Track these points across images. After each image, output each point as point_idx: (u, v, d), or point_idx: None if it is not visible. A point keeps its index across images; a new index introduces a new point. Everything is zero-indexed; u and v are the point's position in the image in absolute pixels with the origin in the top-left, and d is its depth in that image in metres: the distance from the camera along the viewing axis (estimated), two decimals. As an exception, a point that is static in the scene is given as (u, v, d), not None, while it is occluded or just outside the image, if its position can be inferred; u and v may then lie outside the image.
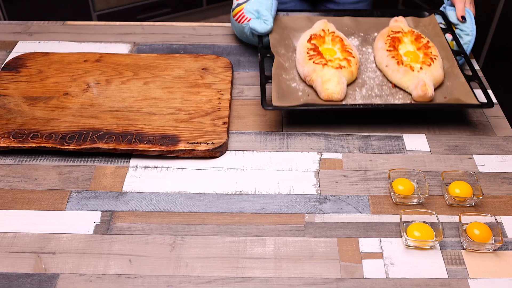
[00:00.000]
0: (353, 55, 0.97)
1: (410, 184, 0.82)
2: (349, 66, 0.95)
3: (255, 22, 1.02)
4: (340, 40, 1.00)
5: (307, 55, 0.97)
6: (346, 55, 0.97)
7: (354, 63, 0.96)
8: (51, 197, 0.81)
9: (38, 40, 1.15)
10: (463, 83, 0.94)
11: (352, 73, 0.95)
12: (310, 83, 0.95)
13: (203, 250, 0.74)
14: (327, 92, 0.91)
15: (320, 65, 0.94)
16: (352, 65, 0.96)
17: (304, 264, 0.73)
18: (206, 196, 0.82)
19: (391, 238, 0.76)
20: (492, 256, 0.75)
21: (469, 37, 1.05)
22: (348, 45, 1.00)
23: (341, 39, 1.01)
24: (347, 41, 1.01)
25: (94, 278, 0.70)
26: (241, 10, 1.05)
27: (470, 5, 1.08)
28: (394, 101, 0.93)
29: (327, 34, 1.02)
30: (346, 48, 0.99)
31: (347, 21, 1.12)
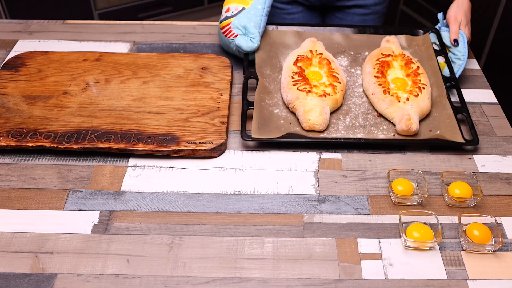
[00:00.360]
0: (339, 80, 0.95)
1: (409, 185, 0.82)
2: (334, 93, 0.93)
3: (242, 40, 1.00)
4: (327, 63, 0.98)
5: (291, 80, 0.94)
6: (332, 80, 0.95)
7: (339, 89, 0.94)
8: (49, 196, 0.81)
9: (38, 39, 1.15)
10: (450, 115, 0.92)
11: (337, 100, 0.93)
12: (293, 110, 0.93)
13: (201, 250, 0.74)
14: (309, 123, 0.89)
15: (303, 92, 0.91)
16: (337, 91, 0.93)
17: (303, 265, 0.72)
18: (205, 196, 0.82)
19: (390, 238, 0.76)
20: (492, 257, 0.74)
21: (460, 61, 1.03)
22: (335, 68, 0.98)
23: (328, 61, 0.98)
24: (334, 64, 0.99)
25: (91, 278, 0.70)
26: (229, 24, 1.02)
27: (465, 27, 1.06)
28: (378, 132, 0.91)
29: (314, 55, 1.00)
30: (333, 72, 0.96)
31: (338, 38, 1.10)
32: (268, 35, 1.08)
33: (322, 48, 1.03)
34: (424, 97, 0.93)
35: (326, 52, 1.02)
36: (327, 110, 0.91)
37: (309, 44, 1.03)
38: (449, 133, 0.89)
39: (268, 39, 1.07)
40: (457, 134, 0.88)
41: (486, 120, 0.97)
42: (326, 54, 1.01)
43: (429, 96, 0.94)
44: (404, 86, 0.96)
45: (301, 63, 0.98)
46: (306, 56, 0.99)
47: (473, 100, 1.02)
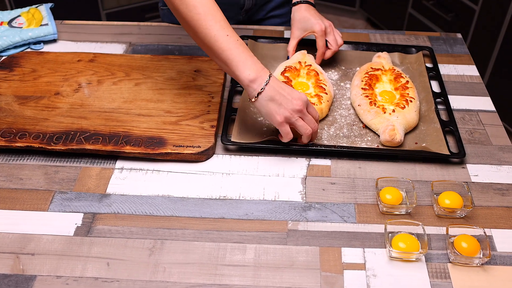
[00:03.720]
0: (326, 91, 0.94)
1: (398, 194, 0.80)
2: (319, 103, 0.92)
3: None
4: (315, 75, 0.97)
5: None
6: (318, 90, 0.94)
7: (325, 99, 0.93)
8: (35, 197, 0.81)
9: (35, 39, 1.15)
10: (437, 129, 0.90)
11: (322, 110, 0.92)
12: None
13: (182, 255, 0.73)
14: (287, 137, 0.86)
15: None
16: (323, 102, 0.92)
17: (284, 273, 0.71)
18: (189, 201, 0.81)
19: (375, 248, 0.74)
20: (479, 271, 0.72)
21: None
22: (323, 80, 0.96)
23: (316, 73, 0.97)
24: (323, 76, 0.98)
25: (70, 281, 0.70)
26: None
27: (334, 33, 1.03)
28: (362, 143, 0.89)
29: (303, 67, 0.99)
30: (320, 83, 0.95)
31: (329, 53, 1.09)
32: (260, 47, 1.09)
33: (311, 60, 1.02)
34: (411, 110, 0.91)
35: (315, 64, 1.01)
36: None
37: (299, 56, 1.02)
38: (435, 146, 0.87)
39: (260, 51, 1.08)
40: (443, 147, 0.86)
41: (482, 129, 0.95)
42: (315, 66, 1.00)
43: (416, 110, 0.92)
44: (391, 99, 0.94)
45: (288, 74, 0.97)
46: (295, 67, 0.99)
47: (470, 107, 1.00)
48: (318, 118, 0.85)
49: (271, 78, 0.81)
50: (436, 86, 1.03)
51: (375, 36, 1.19)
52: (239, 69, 0.80)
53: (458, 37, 1.20)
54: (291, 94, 0.80)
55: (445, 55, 1.14)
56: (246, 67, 0.80)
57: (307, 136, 0.83)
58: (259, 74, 0.80)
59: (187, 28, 0.83)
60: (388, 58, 1.04)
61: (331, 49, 1.03)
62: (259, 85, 0.80)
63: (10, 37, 1.10)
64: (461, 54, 1.15)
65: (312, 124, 0.83)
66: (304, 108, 0.81)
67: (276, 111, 0.80)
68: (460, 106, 1.00)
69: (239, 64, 0.80)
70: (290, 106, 0.80)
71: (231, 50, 0.80)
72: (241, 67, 0.80)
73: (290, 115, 0.80)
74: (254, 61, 0.81)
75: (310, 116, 0.83)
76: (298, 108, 0.80)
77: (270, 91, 0.80)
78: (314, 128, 0.83)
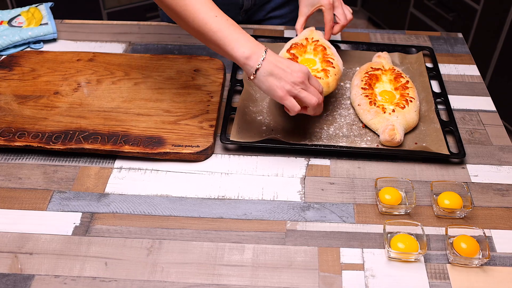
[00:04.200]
0: (334, 65, 0.92)
1: (397, 194, 0.80)
2: (326, 76, 0.90)
3: None
4: (322, 49, 0.96)
5: None
6: (325, 65, 0.92)
7: (333, 73, 0.91)
8: (33, 196, 0.81)
9: (35, 38, 1.15)
10: (437, 129, 0.89)
11: (328, 84, 0.90)
12: None
13: (180, 255, 0.73)
14: None
15: None
16: (330, 75, 0.90)
17: (282, 273, 0.71)
18: (188, 200, 0.81)
19: (374, 249, 0.74)
20: (479, 271, 0.72)
21: None
22: (330, 54, 0.95)
23: (324, 48, 0.96)
24: (331, 50, 0.96)
25: (68, 280, 0.70)
26: None
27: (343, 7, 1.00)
28: (361, 143, 0.88)
29: (309, 43, 0.98)
30: (327, 58, 0.94)
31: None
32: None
33: (319, 36, 1.00)
34: (411, 110, 0.91)
35: (323, 39, 0.99)
36: None
37: (306, 33, 1.01)
38: (434, 146, 0.87)
39: None
40: (443, 147, 0.86)
41: (483, 129, 0.94)
42: (323, 41, 0.98)
43: (416, 110, 0.92)
44: (391, 99, 0.94)
45: (294, 50, 0.96)
46: (301, 43, 0.97)
47: (470, 107, 0.99)
48: (322, 90, 0.83)
49: (268, 52, 0.79)
50: (436, 86, 1.03)
51: (375, 35, 1.19)
52: (233, 48, 0.78)
53: (459, 36, 1.20)
54: (291, 67, 0.78)
55: (446, 55, 1.14)
56: (240, 45, 0.78)
57: (313, 107, 0.80)
58: (254, 50, 0.78)
59: (176, 18, 0.82)
60: (388, 58, 1.04)
61: (339, 23, 1.00)
62: (256, 61, 0.78)
63: (10, 36, 1.10)
64: (461, 53, 1.14)
65: (316, 95, 0.80)
66: (305, 79, 0.79)
67: (277, 85, 0.78)
68: (461, 106, 0.99)
69: (232, 43, 0.78)
70: (291, 79, 0.78)
71: (222, 30, 0.78)
72: (235, 46, 0.78)
73: (292, 88, 0.78)
74: (247, 38, 0.79)
75: (312, 87, 0.80)
76: (300, 80, 0.78)
77: (268, 66, 0.78)
78: (319, 99, 0.80)
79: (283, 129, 0.91)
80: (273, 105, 0.96)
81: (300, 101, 0.80)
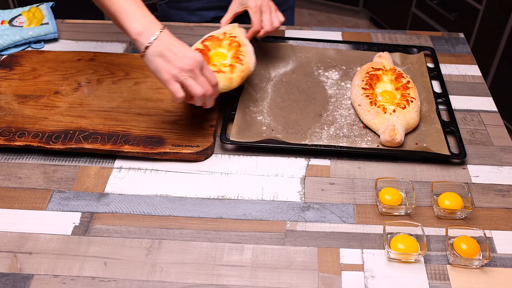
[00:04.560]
0: (243, 63, 0.89)
1: (397, 194, 0.80)
2: (231, 72, 0.87)
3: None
4: (237, 46, 0.92)
5: None
6: (234, 61, 0.89)
7: (239, 70, 0.88)
8: (33, 196, 0.81)
9: (36, 38, 1.15)
10: (438, 129, 0.89)
11: (231, 80, 0.87)
12: None
13: (179, 255, 0.73)
14: None
15: None
16: (235, 71, 0.87)
17: (281, 274, 0.71)
18: (188, 200, 0.81)
19: (373, 249, 0.74)
20: (479, 272, 0.71)
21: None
22: (244, 51, 0.91)
23: (238, 44, 0.93)
24: (245, 48, 0.93)
25: (68, 280, 0.70)
26: None
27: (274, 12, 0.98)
28: (362, 143, 0.88)
29: (226, 37, 0.95)
30: (238, 54, 0.91)
31: (331, 53, 1.09)
32: (261, 47, 1.08)
33: (239, 33, 0.96)
34: (412, 110, 0.90)
35: (242, 37, 0.95)
36: None
37: (228, 28, 0.98)
38: (435, 146, 0.86)
39: (261, 51, 1.07)
40: (443, 147, 0.86)
41: (484, 129, 0.94)
42: (241, 38, 0.94)
43: (417, 110, 0.91)
44: (392, 99, 0.93)
45: (208, 42, 0.93)
46: (217, 37, 0.95)
47: (471, 107, 0.99)
48: (215, 83, 0.81)
49: (163, 32, 0.77)
50: (438, 86, 1.02)
51: (376, 35, 1.19)
52: (126, 22, 0.78)
53: (461, 36, 1.19)
54: (183, 52, 0.77)
55: (447, 55, 1.13)
56: (134, 20, 0.77)
57: (198, 97, 0.78)
58: (148, 27, 0.77)
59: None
60: (389, 58, 1.03)
61: (264, 28, 0.98)
62: (147, 39, 0.77)
63: (11, 36, 1.10)
64: (463, 54, 1.14)
65: (205, 86, 0.78)
66: (195, 68, 0.77)
67: (164, 67, 0.76)
68: (462, 106, 0.99)
69: (127, 16, 0.77)
70: (179, 64, 0.76)
71: (120, 3, 0.78)
72: (129, 19, 0.77)
73: (179, 73, 0.76)
74: (144, 14, 0.78)
75: (203, 78, 0.78)
76: (188, 68, 0.76)
77: (159, 46, 0.76)
78: (207, 91, 0.78)
79: (283, 129, 0.91)
80: (274, 105, 0.96)
81: (186, 88, 0.78)
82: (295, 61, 1.08)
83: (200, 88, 0.78)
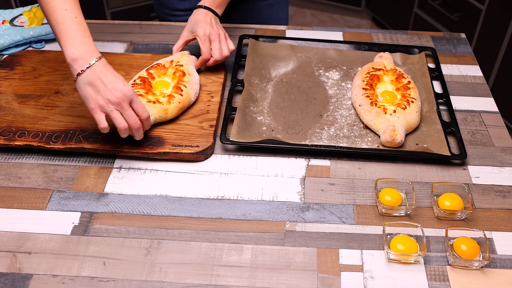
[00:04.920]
0: (182, 93, 0.90)
1: (397, 195, 0.79)
2: (168, 103, 0.88)
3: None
4: (181, 75, 0.93)
5: (134, 83, 0.92)
6: (174, 91, 0.91)
7: (177, 101, 0.89)
8: (33, 196, 0.81)
9: (37, 37, 1.16)
10: (438, 130, 0.89)
11: (167, 110, 0.88)
12: None
13: (178, 255, 0.73)
14: None
15: None
16: (173, 102, 0.88)
17: (280, 274, 0.71)
18: (187, 200, 0.81)
19: (373, 250, 0.74)
20: (479, 274, 0.71)
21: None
22: (187, 81, 0.92)
23: (183, 74, 0.93)
24: (189, 77, 0.93)
25: (67, 280, 0.70)
26: None
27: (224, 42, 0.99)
28: (362, 144, 0.88)
29: (172, 66, 0.96)
30: (180, 84, 0.92)
31: (332, 53, 1.08)
32: (261, 47, 1.08)
33: (187, 62, 0.97)
34: (412, 111, 0.90)
35: (190, 66, 0.97)
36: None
37: (177, 56, 0.99)
38: (436, 147, 0.86)
39: (261, 50, 1.07)
40: (444, 148, 0.85)
41: (485, 130, 0.94)
42: (188, 67, 0.96)
43: (417, 110, 0.91)
44: (393, 100, 0.93)
45: (153, 70, 0.95)
46: (164, 65, 0.96)
47: (473, 108, 0.99)
48: (145, 117, 0.81)
49: (97, 62, 0.78)
50: (439, 87, 1.02)
51: (377, 35, 1.18)
52: (65, 46, 0.79)
53: (462, 37, 1.19)
54: (113, 84, 0.78)
55: (448, 55, 1.13)
56: (73, 45, 0.79)
57: (122, 131, 0.79)
58: (84, 55, 0.78)
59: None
60: (390, 58, 1.03)
61: (213, 57, 0.98)
62: (80, 66, 0.78)
63: (12, 35, 1.10)
64: (464, 54, 1.13)
65: (132, 120, 0.79)
66: (123, 101, 0.78)
67: (92, 96, 0.78)
68: (463, 107, 0.99)
69: (67, 40, 0.79)
70: (108, 96, 0.77)
71: (65, 24, 0.79)
72: (68, 44, 0.79)
73: (105, 104, 0.77)
74: (85, 42, 0.79)
75: (131, 111, 0.79)
76: (116, 100, 0.77)
77: (90, 76, 0.78)
78: (133, 125, 0.79)
79: (284, 130, 0.91)
80: (274, 106, 0.96)
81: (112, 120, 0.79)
82: (295, 61, 1.08)
83: (123, 121, 0.79)
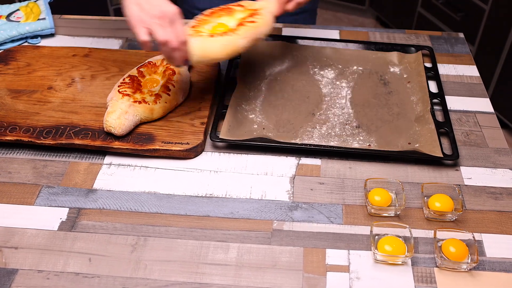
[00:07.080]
0: (170, 93, 0.90)
1: (387, 195, 0.79)
2: (154, 102, 0.88)
3: None
4: (170, 74, 0.93)
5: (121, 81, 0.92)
6: (162, 90, 0.90)
7: (163, 100, 0.89)
8: (22, 191, 0.81)
9: (33, 33, 1.16)
10: (431, 130, 0.88)
11: (152, 110, 0.88)
12: None
13: (164, 253, 0.73)
14: (105, 125, 0.85)
15: (120, 95, 0.88)
16: (159, 102, 0.88)
17: (265, 273, 0.70)
18: (175, 198, 0.80)
19: (360, 251, 0.73)
20: (467, 276, 0.70)
21: None
22: (175, 81, 0.92)
23: (173, 73, 0.93)
24: (178, 76, 0.93)
25: (51, 275, 0.70)
26: None
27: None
28: (353, 142, 0.87)
29: (163, 64, 0.95)
30: (169, 83, 0.91)
31: (327, 51, 1.07)
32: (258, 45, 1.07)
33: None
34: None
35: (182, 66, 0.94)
36: (131, 117, 0.85)
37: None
38: (428, 147, 0.85)
39: (256, 48, 1.06)
40: (436, 148, 0.84)
41: (479, 131, 0.93)
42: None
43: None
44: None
45: (144, 68, 0.94)
46: (155, 63, 0.95)
47: (468, 108, 0.97)
48: (182, 40, 0.79)
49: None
50: (434, 87, 1.01)
51: (374, 34, 1.17)
52: None
53: (460, 36, 1.18)
54: (159, 3, 0.78)
55: (446, 55, 1.12)
56: None
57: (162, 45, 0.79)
58: None
59: None
60: None
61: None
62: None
63: (8, 31, 1.10)
64: (461, 54, 1.12)
65: (169, 36, 0.78)
66: (165, 17, 0.78)
67: (136, 13, 0.78)
68: (458, 107, 0.98)
69: None
70: (151, 12, 0.78)
71: None
72: None
73: (148, 19, 0.78)
74: None
75: (171, 29, 0.78)
76: (158, 15, 0.77)
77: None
78: (171, 41, 0.78)
79: (275, 128, 0.90)
80: (267, 104, 0.95)
81: (153, 33, 0.79)
82: (291, 60, 1.07)
83: (163, 34, 0.78)
